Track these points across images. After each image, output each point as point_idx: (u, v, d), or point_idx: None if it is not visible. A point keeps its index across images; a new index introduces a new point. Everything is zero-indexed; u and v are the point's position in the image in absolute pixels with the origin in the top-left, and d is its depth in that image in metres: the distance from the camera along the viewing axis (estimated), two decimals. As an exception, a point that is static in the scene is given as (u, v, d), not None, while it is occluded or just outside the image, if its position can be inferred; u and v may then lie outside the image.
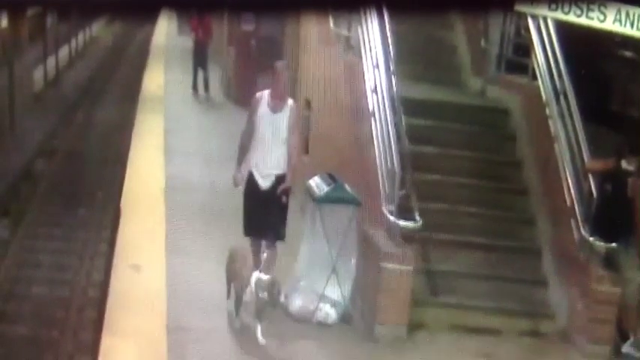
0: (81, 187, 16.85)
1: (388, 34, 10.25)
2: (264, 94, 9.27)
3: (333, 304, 9.01)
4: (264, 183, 9.13)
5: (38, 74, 25.77)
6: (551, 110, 10.22)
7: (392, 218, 8.95)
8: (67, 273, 12.61)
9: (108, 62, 35.57)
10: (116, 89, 28.82)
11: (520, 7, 10.18)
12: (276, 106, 9.19)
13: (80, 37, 38.42)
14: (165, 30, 40.85)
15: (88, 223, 14.82)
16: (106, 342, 7.87)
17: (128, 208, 12.05)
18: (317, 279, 9.06)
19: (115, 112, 24.21)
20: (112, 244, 11.63)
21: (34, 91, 24.50)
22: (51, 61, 28.10)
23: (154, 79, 25.05)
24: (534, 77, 10.79)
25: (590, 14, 8.86)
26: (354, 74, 11.00)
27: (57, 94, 26.14)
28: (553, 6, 9.25)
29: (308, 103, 13.46)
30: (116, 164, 17.42)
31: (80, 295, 11.77)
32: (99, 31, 47.55)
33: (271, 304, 8.29)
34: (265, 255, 9.21)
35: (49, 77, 27.02)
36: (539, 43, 10.67)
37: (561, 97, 10.09)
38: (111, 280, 9.46)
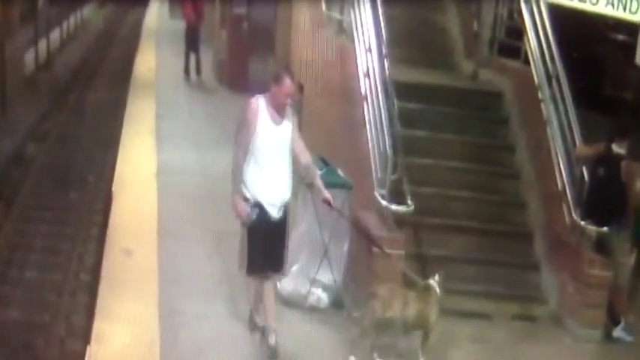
0: (72, 171, 16.82)
1: (380, 17, 10.23)
2: (261, 103, 7.62)
3: (325, 288, 9.02)
4: (276, 213, 7.72)
5: (29, 57, 25.68)
6: (544, 94, 10.23)
7: (384, 202, 8.94)
8: (59, 257, 12.59)
9: (99, 45, 35.45)
10: (107, 73, 28.73)
11: (513, -10, 10.19)
12: (278, 116, 7.66)
13: (71, 19, 38.26)
14: (157, 13, 40.81)
15: (80, 206, 14.79)
16: (98, 326, 7.88)
17: (120, 191, 12.05)
18: (309, 263, 9.06)
19: (107, 95, 24.16)
20: (103, 228, 11.62)
21: (25, 74, 24.40)
22: (42, 44, 27.98)
23: (146, 63, 25.01)
24: (527, 61, 10.79)
25: (583, -3, 8.84)
26: (346, 58, 10.98)
27: (48, 78, 26.04)
28: (546, -11, 9.25)
29: (300, 87, 13.45)
30: (108, 148, 17.38)
31: (72, 279, 11.75)
32: (90, 13, 47.37)
33: None
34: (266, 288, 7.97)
35: (40, 60, 26.91)
36: (531, 26, 10.68)
37: (553, 81, 10.09)
38: (102, 264, 9.46)
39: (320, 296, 8.97)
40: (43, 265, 12.23)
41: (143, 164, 13.67)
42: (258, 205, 7.63)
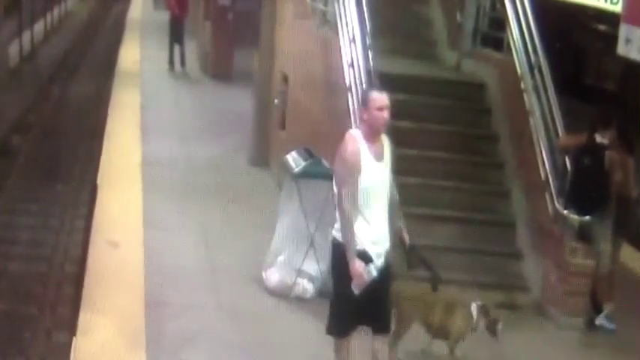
0: (58, 163, 16.80)
1: (364, 8, 10.26)
2: (359, 138, 6.57)
3: (311, 278, 9.06)
4: (379, 261, 6.60)
5: (14, 49, 25.60)
6: (526, 84, 10.27)
7: (368, 193, 8.97)
8: (45, 249, 12.59)
9: (84, 37, 35.34)
10: (92, 64, 28.66)
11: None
12: (379, 151, 6.66)
13: (56, 11, 38.11)
14: (141, 4, 40.68)
15: (65, 198, 14.78)
16: (84, 318, 7.89)
17: (105, 183, 12.05)
18: (295, 254, 9.10)
19: (92, 87, 24.11)
20: (89, 219, 11.63)
21: (10, 66, 24.33)
22: (26, 36, 27.90)
23: (130, 55, 24.96)
24: (509, 51, 10.83)
25: (565, -12, 8.89)
26: (330, 48, 11.01)
27: (33, 69, 25.97)
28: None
29: (285, 78, 13.47)
30: (93, 140, 17.37)
31: (58, 271, 11.76)
32: (74, 5, 47.19)
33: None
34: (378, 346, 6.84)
35: (24, 52, 26.83)
36: (514, 17, 10.71)
37: (536, 71, 10.14)
38: (88, 256, 9.47)
39: (306, 287, 9.01)
40: (29, 257, 12.23)
41: (128, 155, 13.67)
42: (364, 255, 6.49)
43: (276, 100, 13.74)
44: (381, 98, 6.60)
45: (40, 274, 11.63)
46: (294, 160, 9.37)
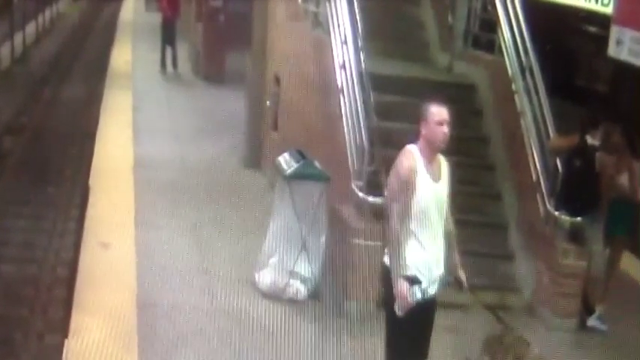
0: (49, 165, 16.77)
1: (356, 9, 10.27)
2: (416, 155, 6.21)
3: (303, 280, 9.07)
4: (432, 290, 6.26)
5: (5, 51, 25.56)
6: (517, 85, 10.30)
7: (361, 194, 9.00)
8: (36, 251, 12.56)
9: (75, 39, 35.29)
10: (84, 66, 28.62)
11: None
12: (436, 170, 6.29)
13: (47, 13, 38.07)
14: (133, 6, 40.66)
15: (57, 200, 14.76)
16: (76, 319, 7.88)
17: (97, 185, 12.03)
18: (287, 255, 9.10)
19: (83, 88, 24.08)
20: (80, 221, 11.61)
21: (1, 68, 24.30)
22: (18, 38, 27.86)
23: (122, 56, 24.95)
24: (500, 53, 10.86)
25: (556, -10, 8.92)
26: (322, 50, 11.02)
27: (24, 71, 25.93)
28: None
29: (277, 80, 13.48)
30: (84, 141, 17.34)
31: (49, 273, 11.74)
32: (66, 7, 47.13)
33: None
34: None
35: (16, 54, 26.79)
36: (505, 18, 10.75)
37: (527, 73, 10.17)
38: (80, 258, 9.46)
39: (298, 288, 9.02)
40: (21, 259, 12.21)
41: (120, 157, 13.66)
42: (419, 282, 6.14)
43: (268, 102, 13.75)
44: (440, 112, 6.25)
45: (31, 276, 11.63)
46: (286, 161, 9.38)
